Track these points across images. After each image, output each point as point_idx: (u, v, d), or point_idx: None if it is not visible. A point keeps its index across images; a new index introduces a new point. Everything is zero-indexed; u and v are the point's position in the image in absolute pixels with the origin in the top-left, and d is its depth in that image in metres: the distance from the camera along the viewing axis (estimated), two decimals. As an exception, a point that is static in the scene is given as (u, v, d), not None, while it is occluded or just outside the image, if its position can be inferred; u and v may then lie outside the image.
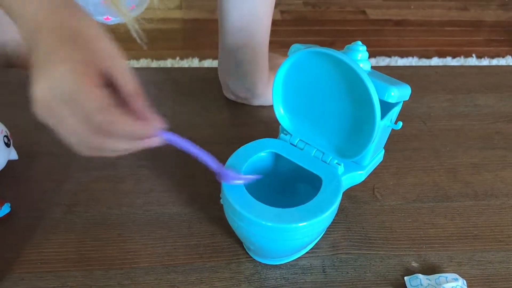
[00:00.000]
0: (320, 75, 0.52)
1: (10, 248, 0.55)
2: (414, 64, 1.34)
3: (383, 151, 0.59)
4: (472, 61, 1.31)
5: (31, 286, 0.52)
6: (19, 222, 0.58)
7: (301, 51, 0.51)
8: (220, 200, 0.52)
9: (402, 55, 1.34)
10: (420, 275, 0.54)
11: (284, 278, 0.54)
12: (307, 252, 0.57)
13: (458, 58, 1.31)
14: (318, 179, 0.52)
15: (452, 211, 0.64)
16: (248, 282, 0.54)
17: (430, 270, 0.56)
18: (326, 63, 0.51)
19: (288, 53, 0.54)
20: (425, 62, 1.34)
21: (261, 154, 0.55)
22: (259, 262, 0.56)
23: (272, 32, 0.76)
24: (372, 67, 0.54)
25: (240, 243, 0.57)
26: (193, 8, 1.47)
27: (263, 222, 0.47)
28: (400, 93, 0.50)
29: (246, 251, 0.57)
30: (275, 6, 0.74)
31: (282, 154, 0.55)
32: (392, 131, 0.57)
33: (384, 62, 1.31)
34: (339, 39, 1.38)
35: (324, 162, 0.54)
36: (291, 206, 0.49)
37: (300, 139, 0.56)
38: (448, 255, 0.58)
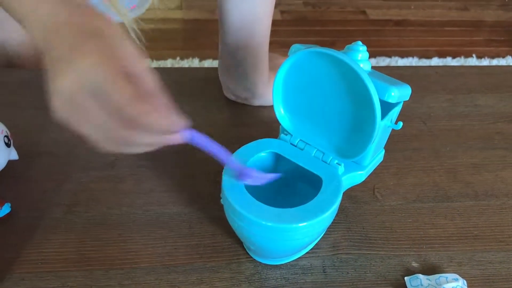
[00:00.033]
0: (321, 75, 0.52)
1: (10, 248, 0.55)
2: (414, 64, 1.34)
3: (383, 151, 0.59)
4: (472, 61, 1.31)
5: (32, 286, 0.52)
6: (19, 222, 0.58)
7: (301, 51, 0.51)
8: (221, 200, 0.52)
9: (402, 55, 1.34)
10: (420, 275, 0.54)
11: (284, 278, 0.54)
12: (307, 252, 0.57)
13: (458, 58, 1.31)
14: (319, 179, 0.52)
15: (452, 211, 0.64)
16: (248, 282, 0.54)
17: (430, 270, 0.56)
18: (326, 63, 0.51)
19: (288, 53, 0.54)
20: (425, 62, 1.34)
21: (261, 154, 0.55)
22: (260, 262, 0.56)
23: (272, 32, 0.76)
24: (372, 67, 0.54)
25: (240, 243, 0.57)
26: (193, 8, 1.47)
27: (263, 222, 0.47)
28: (400, 93, 0.50)
29: (246, 251, 0.57)
30: (275, 6, 0.74)
31: (283, 154, 0.55)
32: (392, 131, 0.57)
33: (384, 62, 1.32)
34: (339, 39, 1.38)
35: (324, 162, 0.54)
36: (291, 206, 0.49)
37: (300, 139, 0.56)
38: (449, 255, 0.58)
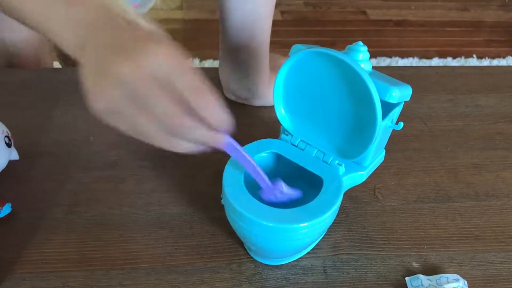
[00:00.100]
0: (321, 76, 0.52)
1: (11, 248, 0.55)
2: (414, 65, 1.34)
3: (384, 151, 0.59)
4: (473, 61, 1.31)
5: (32, 286, 0.52)
6: (20, 223, 0.58)
7: (302, 51, 0.51)
8: (221, 200, 0.52)
9: (403, 56, 1.34)
10: (421, 276, 0.54)
11: (285, 278, 0.54)
12: (308, 253, 0.57)
13: (458, 59, 1.31)
14: (319, 179, 0.52)
15: (453, 211, 0.63)
16: (249, 283, 0.54)
17: (431, 270, 0.56)
18: (327, 64, 0.51)
19: (289, 53, 0.54)
20: (425, 63, 1.34)
21: (262, 154, 0.55)
22: (260, 263, 0.56)
23: (272, 33, 0.76)
24: (372, 68, 0.54)
25: (241, 244, 0.57)
26: (193, 8, 1.47)
27: (264, 223, 0.47)
28: (401, 93, 0.50)
29: (247, 251, 0.57)
30: (275, 7, 0.74)
31: (283, 154, 0.55)
32: (393, 131, 0.57)
33: (384, 62, 1.32)
34: (340, 40, 1.38)
35: (325, 162, 0.54)
36: (292, 207, 0.49)
37: (301, 140, 0.56)
38: (449, 256, 0.58)
